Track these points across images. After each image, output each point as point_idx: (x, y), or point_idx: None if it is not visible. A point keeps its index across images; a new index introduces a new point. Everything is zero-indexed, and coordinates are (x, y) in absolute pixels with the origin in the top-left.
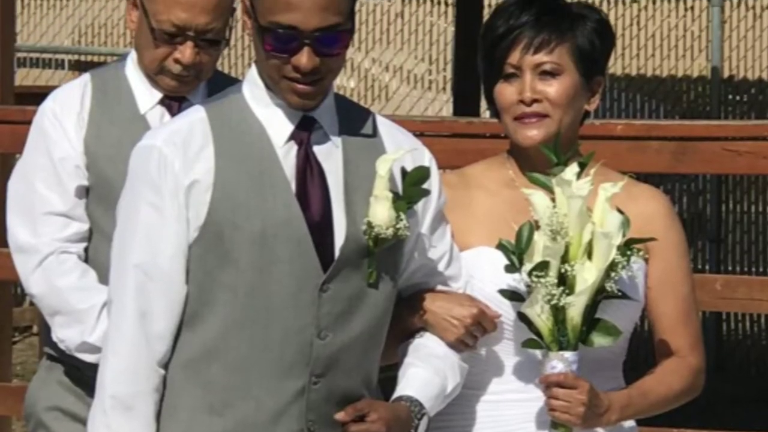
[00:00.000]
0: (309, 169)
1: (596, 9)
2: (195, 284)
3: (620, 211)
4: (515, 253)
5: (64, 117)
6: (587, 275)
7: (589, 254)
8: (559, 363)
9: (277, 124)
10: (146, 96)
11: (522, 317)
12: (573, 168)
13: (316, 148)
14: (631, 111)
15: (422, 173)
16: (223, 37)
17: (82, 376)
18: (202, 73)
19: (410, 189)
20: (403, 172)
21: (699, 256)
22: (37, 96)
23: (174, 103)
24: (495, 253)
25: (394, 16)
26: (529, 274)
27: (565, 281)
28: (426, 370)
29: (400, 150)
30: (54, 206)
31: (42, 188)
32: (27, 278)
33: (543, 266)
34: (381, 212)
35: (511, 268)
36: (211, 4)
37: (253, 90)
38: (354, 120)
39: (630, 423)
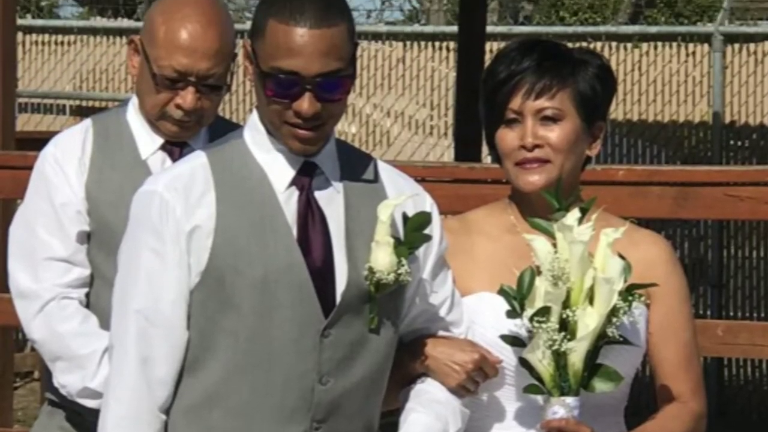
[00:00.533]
0: (310, 214)
1: (597, 54)
2: (196, 330)
3: (622, 257)
4: (516, 298)
5: (65, 162)
6: (589, 321)
7: (591, 299)
8: (561, 408)
9: (278, 169)
10: (148, 141)
11: (523, 362)
12: (574, 213)
13: (317, 194)
14: (633, 156)
15: (424, 219)
16: (225, 82)
17: (84, 421)
18: (203, 119)
19: (412, 234)
20: (405, 217)
21: (700, 302)
22: (38, 141)
23: (175, 148)
24: (496, 298)
25: (395, 62)
26: (531, 319)
27: (566, 326)
28: (427, 416)
29: (401, 195)
30: (55, 251)
31: (43, 233)
32: (28, 324)
33: (544, 311)
34: (382, 258)
35: (512, 314)
36: (212, 50)
37: (255, 135)
38: (355, 165)
39: None
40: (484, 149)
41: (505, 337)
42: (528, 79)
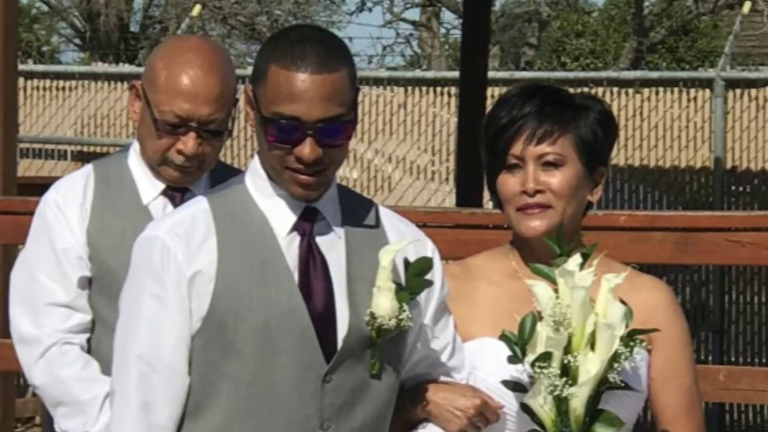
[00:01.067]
0: (312, 260)
1: (599, 100)
2: (198, 375)
3: (623, 302)
4: (518, 344)
5: (66, 208)
6: (590, 366)
7: (592, 345)
8: None
9: (279, 214)
10: (149, 187)
11: (525, 408)
12: (576, 259)
13: (318, 239)
14: (635, 202)
15: (425, 264)
16: (226, 128)
17: None
18: (204, 164)
19: (413, 280)
20: (406, 263)
21: (702, 347)
22: (39, 187)
23: (177, 193)
24: (498, 344)
25: (396, 107)
26: (532, 365)
27: (568, 372)
28: None
29: (402, 241)
30: (57, 297)
31: (45, 279)
32: (30, 369)
33: (546, 357)
34: (384, 303)
35: (514, 359)
36: (213, 95)
37: (256, 181)
38: (357, 211)
39: None
40: (486, 195)
41: (506, 383)
42: (529, 125)
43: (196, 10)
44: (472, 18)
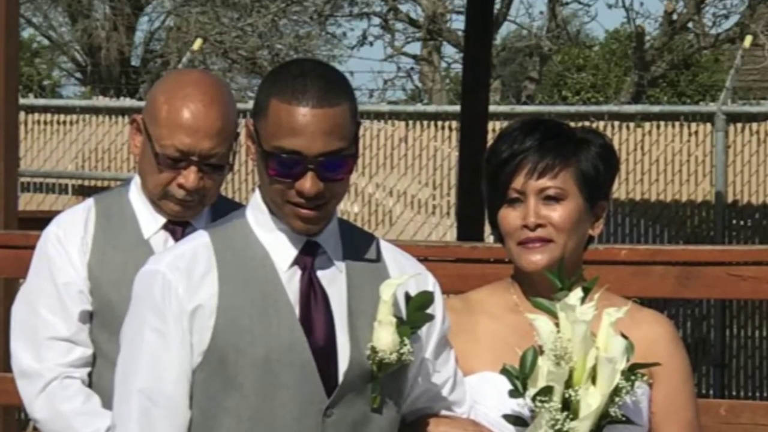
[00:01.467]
0: (313, 294)
1: (600, 133)
2: (199, 409)
3: (624, 336)
4: (519, 378)
5: (67, 242)
6: (591, 400)
7: (593, 379)
8: None
9: (280, 248)
10: (150, 221)
11: None
12: (577, 293)
13: (319, 273)
14: (636, 236)
15: (426, 298)
16: (227, 161)
17: None
18: (205, 198)
19: (414, 314)
20: (407, 297)
21: (703, 381)
22: (40, 221)
23: (178, 227)
24: (499, 378)
25: (397, 141)
26: (533, 399)
27: (569, 406)
28: None
29: (403, 275)
30: (58, 331)
31: (46, 313)
32: (31, 403)
33: (547, 391)
34: (385, 337)
35: (515, 393)
36: (214, 129)
37: (257, 215)
38: (358, 245)
39: None
40: (487, 229)
41: (507, 417)
42: (530, 159)
43: (197, 44)
44: (473, 52)
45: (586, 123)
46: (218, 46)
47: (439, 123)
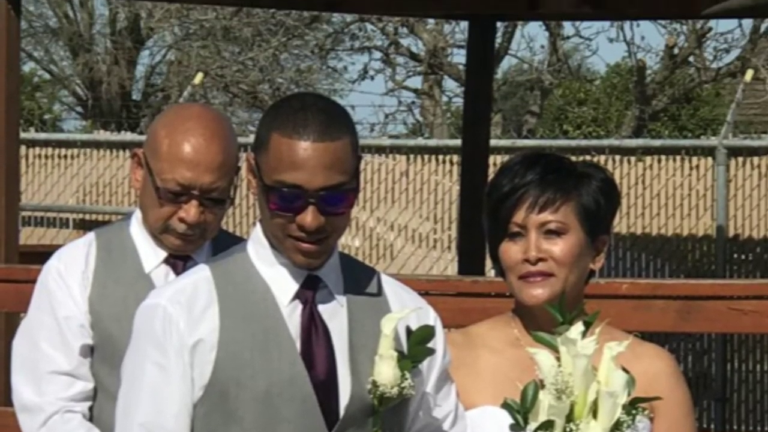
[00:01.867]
0: (314, 328)
1: (601, 168)
2: None
3: (625, 370)
4: (520, 412)
5: (68, 276)
6: None
7: (594, 413)
8: None
9: (281, 282)
10: (151, 255)
11: None
12: (578, 327)
13: (320, 307)
14: (637, 270)
15: (427, 332)
16: (228, 196)
17: None
18: (206, 232)
19: (415, 348)
20: (408, 331)
21: (704, 415)
22: (41, 255)
23: (179, 261)
24: (500, 412)
25: (399, 175)
26: None
27: None
28: None
29: (405, 309)
30: (59, 365)
31: (46, 347)
32: None
33: (548, 425)
34: (386, 371)
35: (516, 427)
36: (215, 163)
37: (258, 249)
38: (359, 279)
39: None
40: (488, 263)
41: None
42: (531, 193)
43: (198, 78)
44: (474, 86)
45: (588, 157)
46: (219, 80)
47: (440, 157)
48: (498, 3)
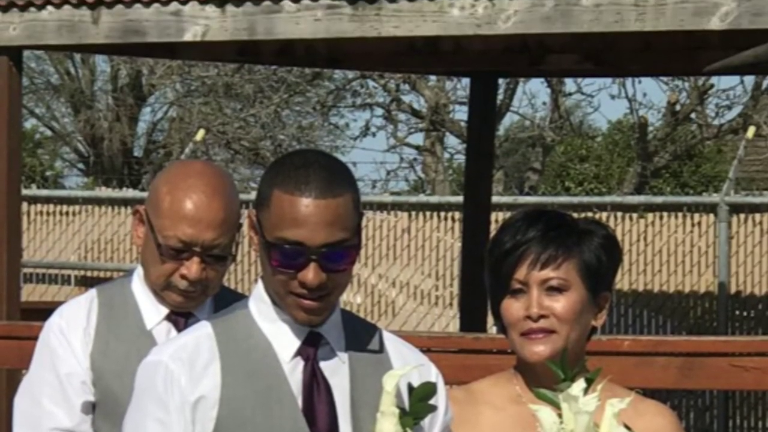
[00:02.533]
0: (316, 384)
1: (603, 224)
2: None
3: (627, 427)
4: None
5: (70, 333)
6: None
7: None
8: None
9: (283, 339)
10: (152, 311)
11: None
12: (580, 384)
13: (322, 364)
14: (638, 326)
15: (429, 389)
16: (230, 252)
17: None
18: (208, 289)
19: (417, 405)
20: (410, 387)
21: None
22: (43, 312)
23: (180, 318)
24: None
25: (400, 232)
26: None
27: None
28: None
29: (406, 366)
30: (60, 422)
31: (48, 404)
32: None
33: None
34: (388, 428)
35: None
36: (217, 220)
37: (260, 305)
38: (361, 335)
39: None
40: (490, 319)
41: None
42: (533, 249)
43: (200, 134)
44: (476, 143)
45: (589, 214)
46: (221, 137)
47: (442, 214)
48: (499, 60)
